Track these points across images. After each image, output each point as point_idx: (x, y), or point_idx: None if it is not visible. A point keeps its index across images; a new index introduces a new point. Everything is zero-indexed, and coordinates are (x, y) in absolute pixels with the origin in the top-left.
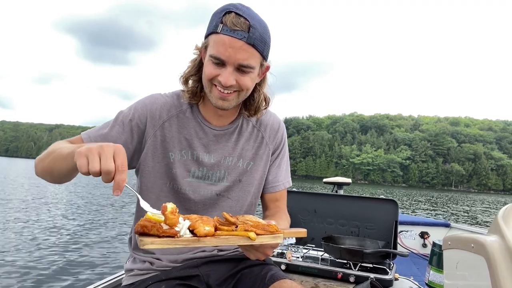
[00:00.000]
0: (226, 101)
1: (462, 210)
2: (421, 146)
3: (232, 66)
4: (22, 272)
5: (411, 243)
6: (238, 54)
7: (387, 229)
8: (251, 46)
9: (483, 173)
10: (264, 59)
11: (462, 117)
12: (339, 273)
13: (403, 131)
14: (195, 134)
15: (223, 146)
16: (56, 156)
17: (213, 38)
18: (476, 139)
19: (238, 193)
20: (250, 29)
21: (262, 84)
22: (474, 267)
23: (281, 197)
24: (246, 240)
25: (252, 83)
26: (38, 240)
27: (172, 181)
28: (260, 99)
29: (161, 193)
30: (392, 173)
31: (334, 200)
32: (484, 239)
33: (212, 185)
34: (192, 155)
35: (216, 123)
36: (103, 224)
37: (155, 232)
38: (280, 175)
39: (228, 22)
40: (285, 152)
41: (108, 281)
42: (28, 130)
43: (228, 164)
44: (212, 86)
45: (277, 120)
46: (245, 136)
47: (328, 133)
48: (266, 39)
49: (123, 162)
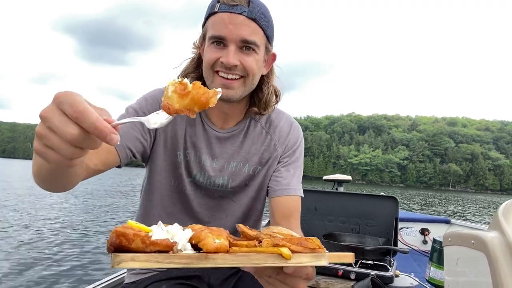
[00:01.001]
0: (230, 89)
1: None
2: (419, 146)
3: (235, 44)
4: (24, 270)
5: (412, 240)
6: (240, 29)
7: (388, 226)
8: (252, 20)
9: (480, 173)
10: (269, 41)
11: (460, 117)
12: (340, 270)
13: (401, 131)
14: (199, 134)
15: (227, 150)
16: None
17: (211, 20)
18: (473, 139)
19: (244, 198)
20: (250, 4)
21: (270, 76)
22: (474, 263)
23: (294, 211)
24: (277, 259)
25: (257, 66)
26: (40, 237)
27: (177, 180)
28: (269, 92)
29: (165, 192)
30: (390, 173)
31: (335, 197)
32: (485, 235)
33: (215, 189)
34: (196, 157)
35: (221, 124)
36: (103, 222)
37: (139, 245)
38: (292, 180)
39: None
40: (298, 158)
41: (111, 279)
42: (26, 131)
43: (232, 170)
44: (214, 75)
45: (289, 121)
46: (251, 139)
47: (326, 133)
48: (268, 17)
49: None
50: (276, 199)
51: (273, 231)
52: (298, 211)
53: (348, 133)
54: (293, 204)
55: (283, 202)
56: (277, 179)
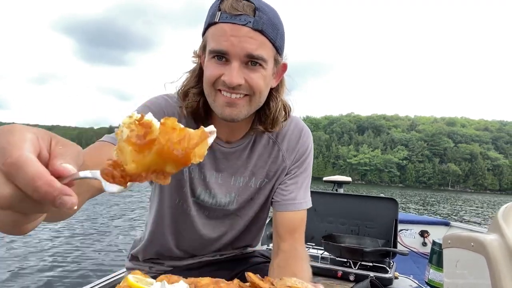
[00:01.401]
0: (234, 107)
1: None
2: (418, 146)
3: (238, 60)
4: (21, 270)
5: (411, 242)
6: (245, 43)
7: (387, 227)
8: (259, 32)
9: (479, 173)
10: (278, 52)
11: (458, 117)
12: (339, 271)
13: (400, 131)
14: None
15: (233, 165)
16: None
17: (211, 30)
18: (472, 139)
19: (249, 212)
20: (256, 12)
21: (280, 89)
22: (473, 265)
23: (299, 226)
24: None
25: (265, 83)
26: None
27: (181, 199)
28: (277, 109)
29: (170, 210)
30: (389, 173)
31: (334, 198)
32: (484, 238)
33: (219, 209)
34: (200, 174)
35: (226, 138)
36: (104, 222)
37: None
38: (299, 193)
39: (227, 7)
40: (306, 167)
41: (109, 279)
42: None
43: (239, 185)
44: (217, 93)
45: (299, 128)
46: (258, 151)
47: (325, 133)
48: (278, 25)
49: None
50: (281, 213)
51: (287, 285)
52: (303, 225)
53: (347, 133)
54: (298, 218)
55: (288, 217)
56: (283, 192)
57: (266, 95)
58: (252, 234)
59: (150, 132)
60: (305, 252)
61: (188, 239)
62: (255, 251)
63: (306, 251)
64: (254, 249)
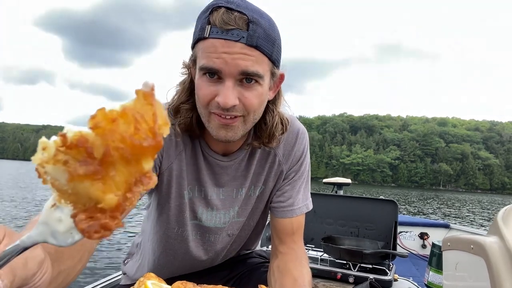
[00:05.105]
0: (230, 129)
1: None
2: (410, 146)
3: (232, 79)
4: None
5: (411, 244)
6: (238, 60)
7: (387, 229)
8: (253, 48)
9: (470, 173)
10: (275, 65)
11: (450, 117)
12: (339, 273)
13: (392, 131)
14: (201, 167)
15: (234, 177)
16: None
17: (201, 46)
18: (463, 139)
19: (249, 221)
20: (249, 26)
21: (277, 101)
22: (473, 268)
23: (298, 228)
24: None
25: (260, 100)
26: None
27: (181, 226)
28: (274, 123)
29: (159, 237)
30: (382, 173)
31: (334, 200)
32: (484, 240)
33: (221, 228)
34: (200, 193)
35: (222, 150)
36: None
37: None
38: (297, 198)
39: (218, 20)
40: (304, 170)
41: (106, 281)
42: (15, 131)
43: (241, 198)
44: (210, 115)
45: (295, 129)
46: (256, 159)
47: (318, 133)
48: (274, 36)
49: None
50: (280, 220)
51: None
52: (302, 227)
53: (340, 133)
54: (297, 222)
55: (286, 223)
56: (281, 198)
57: (262, 111)
58: (252, 240)
59: (91, 144)
60: (304, 254)
61: (188, 265)
62: (253, 251)
63: (305, 253)
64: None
